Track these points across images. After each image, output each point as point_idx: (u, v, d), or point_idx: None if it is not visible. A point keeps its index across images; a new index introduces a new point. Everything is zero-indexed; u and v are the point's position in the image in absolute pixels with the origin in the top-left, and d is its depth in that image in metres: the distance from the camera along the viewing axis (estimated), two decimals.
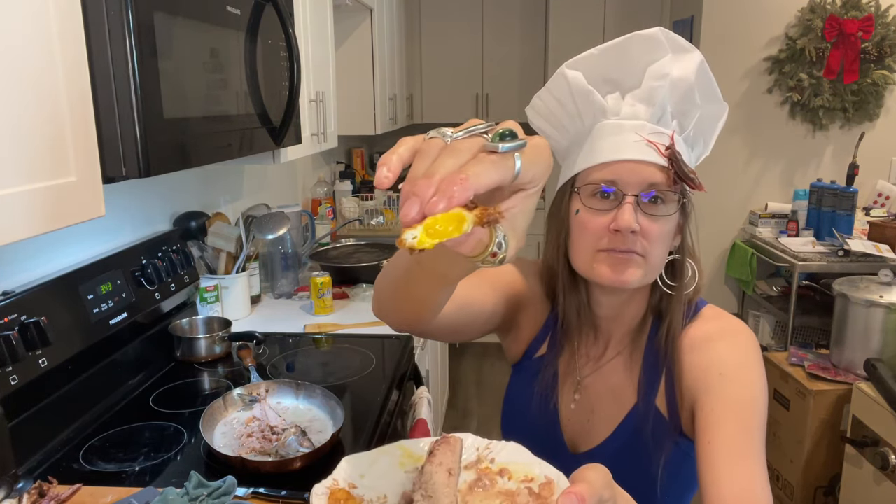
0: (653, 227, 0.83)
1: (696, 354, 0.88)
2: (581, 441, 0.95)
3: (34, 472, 1.15)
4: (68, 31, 0.90)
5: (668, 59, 0.85)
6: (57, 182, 0.89)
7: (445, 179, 0.41)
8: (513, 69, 4.45)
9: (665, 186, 0.83)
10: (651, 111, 0.86)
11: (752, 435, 0.80)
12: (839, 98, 3.43)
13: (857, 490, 2.37)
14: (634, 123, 0.85)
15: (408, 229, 0.42)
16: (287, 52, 1.56)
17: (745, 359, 0.87)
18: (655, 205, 0.84)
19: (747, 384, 0.84)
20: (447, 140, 0.45)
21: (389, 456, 0.66)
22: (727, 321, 0.92)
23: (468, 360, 4.26)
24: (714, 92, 0.88)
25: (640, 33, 0.86)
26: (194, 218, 1.88)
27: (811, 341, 3.17)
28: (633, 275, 0.85)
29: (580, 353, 0.98)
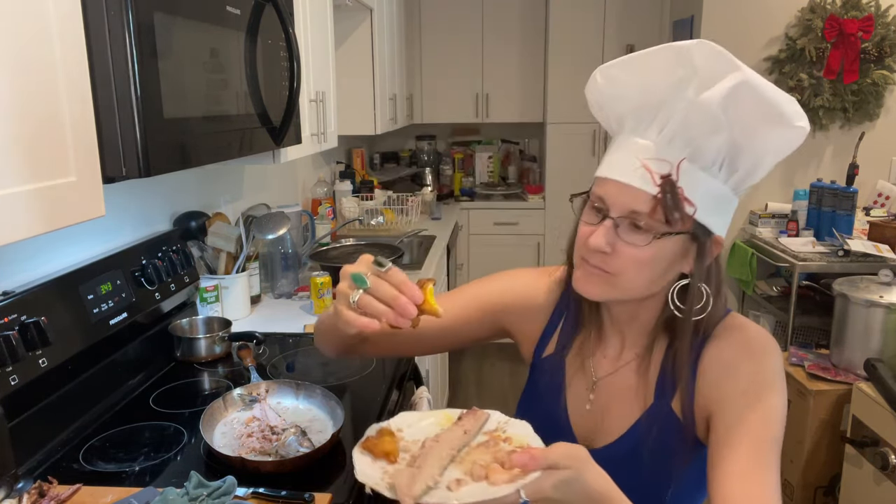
0: (626, 251, 0.83)
1: (720, 367, 0.87)
2: (595, 438, 0.95)
3: (34, 472, 1.15)
4: (68, 31, 0.90)
5: (693, 79, 0.79)
6: (57, 182, 0.89)
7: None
8: (513, 69, 4.45)
9: (648, 216, 0.80)
10: (660, 134, 0.81)
11: (768, 453, 0.82)
12: (839, 98, 3.43)
13: (857, 490, 2.37)
14: (642, 144, 0.82)
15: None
16: (287, 52, 1.56)
17: (770, 379, 0.86)
18: (632, 232, 0.82)
19: (769, 405, 0.84)
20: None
21: (434, 417, 0.86)
22: (754, 335, 0.89)
23: (468, 360, 4.26)
24: (763, 116, 0.78)
25: (674, 45, 0.81)
26: (194, 218, 1.88)
27: (811, 341, 3.17)
28: (596, 290, 0.87)
29: (597, 352, 0.98)
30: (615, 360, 0.96)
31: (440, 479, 0.73)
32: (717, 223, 0.84)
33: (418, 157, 4.75)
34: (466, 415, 0.84)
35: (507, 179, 4.78)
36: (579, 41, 4.20)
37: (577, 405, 0.98)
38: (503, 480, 0.70)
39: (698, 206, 0.80)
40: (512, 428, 0.82)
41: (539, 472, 0.69)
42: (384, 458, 0.78)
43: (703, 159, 0.80)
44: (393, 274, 0.78)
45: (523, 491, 0.69)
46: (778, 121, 0.78)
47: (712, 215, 0.82)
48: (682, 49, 0.80)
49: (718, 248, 0.86)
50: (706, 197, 0.81)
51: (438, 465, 0.75)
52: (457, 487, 0.71)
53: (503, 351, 4.39)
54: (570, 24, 4.18)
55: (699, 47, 0.79)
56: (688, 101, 0.79)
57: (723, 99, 0.77)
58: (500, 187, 4.59)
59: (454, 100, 4.50)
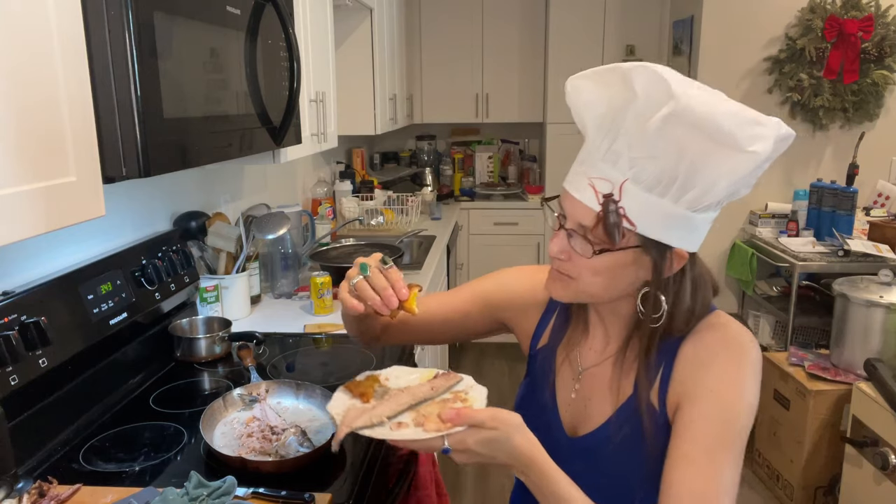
0: (578, 259, 0.88)
1: (693, 362, 0.90)
2: (579, 426, 1.00)
3: (34, 472, 1.15)
4: (68, 32, 0.90)
5: (634, 103, 0.81)
6: (57, 182, 0.89)
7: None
8: (513, 69, 4.45)
9: (592, 230, 0.85)
10: (607, 153, 0.84)
11: (724, 450, 0.85)
12: (839, 98, 3.43)
13: (857, 490, 2.37)
14: (592, 161, 0.85)
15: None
16: (287, 52, 1.56)
17: (740, 377, 0.88)
18: (583, 242, 0.86)
19: (734, 402, 0.87)
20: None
21: (419, 373, 0.99)
22: (733, 331, 0.91)
23: (468, 361, 4.26)
24: (707, 141, 0.78)
25: (620, 67, 0.83)
26: (194, 218, 1.88)
27: (811, 341, 3.17)
28: (558, 291, 0.94)
29: (584, 344, 1.02)
30: (600, 352, 1.00)
31: (386, 421, 0.85)
32: (677, 238, 0.85)
33: (418, 157, 4.75)
34: (442, 375, 0.97)
35: (507, 179, 4.78)
36: (579, 41, 4.20)
37: (564, 394, 1.02)
38: (433, 429, 0.81)
39: (641, 225, 0.83)
40: (473, 392, 0.93)
41: (465, 427, 0.80)
42: (359, 398, 0.92)
43: (647, 181, 0.82)
44: (391, 272, 0.95)
45: (447, 440, 0.79)
46: (726, 144, 0.78)
47: (665, 231, 0.84)
48: (625, 72, 0.82)
49: (681, 261, 0.87)
50: (652, 216, 0.83)
51: (392, 409, 0.86)
52: (397, 428, 0.83)
53: (502, 350, 4.40)
54: (570, 24, 4.18)
55: (638, 72, 0.80)
56: (629, 125, 0.81)
57: (657, 129, 0.79)
58: (500, 187, 4.59)
59: (454, 100, 4.50)
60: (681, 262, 0.87)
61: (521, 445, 0.82)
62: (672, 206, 0.82)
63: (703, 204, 0.83)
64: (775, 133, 0.80)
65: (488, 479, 2.97)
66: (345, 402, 0.92)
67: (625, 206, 0.82)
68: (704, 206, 0.83)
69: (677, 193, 0.82)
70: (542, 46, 4.38)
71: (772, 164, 0.84)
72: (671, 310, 0.89)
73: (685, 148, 0.79)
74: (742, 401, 0.87)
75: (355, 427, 0.84)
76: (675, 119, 0.78)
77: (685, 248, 0.86)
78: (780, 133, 0.81)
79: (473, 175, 4.69)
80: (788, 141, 0.83)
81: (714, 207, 0.85)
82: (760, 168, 0.82)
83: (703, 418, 0.86)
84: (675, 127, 0.78)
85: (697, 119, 0.77)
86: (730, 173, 0.80)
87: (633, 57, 4.23)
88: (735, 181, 0.81)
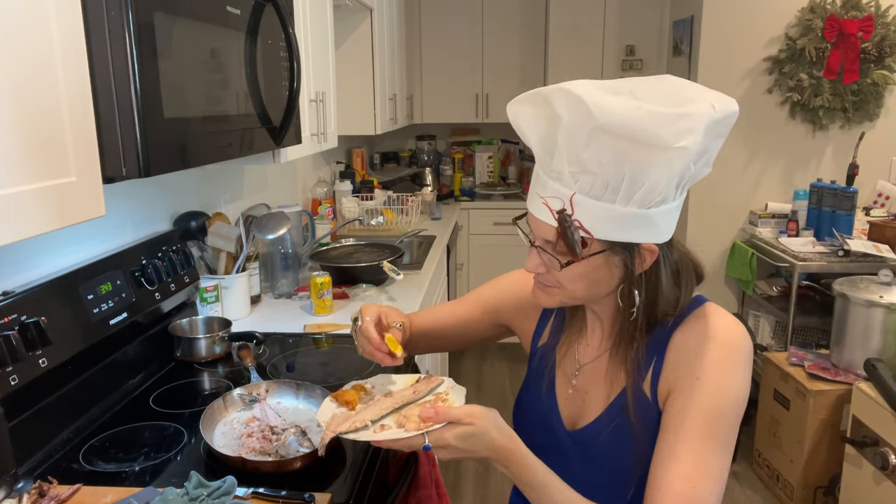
0: (553, 271, 0.92)
1: (682, 352, 0.92)
2: (577, 420, 1.02)
3: (34, 472, 1.15)
4: (68, 32, 0.90)
5: (560, 124, 0.83)
6: (57, 182, 0.89)
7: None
8: (513, 69, 4.44)
9: (554, 245, 0.89)
10: (552, 171, 0.87)
11: (710, 439, 0.87)
12: (839, 98, 3.43)
13: (857, 490, 2.37)
14: (542, 180, 0.89)
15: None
16: (287, 52, 1.56)
17: (728, 365, 0.89)
18: (548, 256, 0.91)
19: (721, 391, 0.88)
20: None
21: (403, 380, 1.07)
22: (723, 322, 0.93)
23: (468, 361, 4.26)
24: (637, 147, 0.80)
25: (541, 91, 0.86)
26: (194, 218, 1.88)
27: (811, 341, 3.17)
28: (547, 299, 0.97)
29: (582, 341, 1.05)
30: (597, 348, 1.03)
31: (370, 424, 0.90)
32: (638, 235, 0.87)
33: (418, 157, 4.75)
34: (423, 379, 1.04)
35: (507, 179, 4.78)
36: (579, 41, 4.20)
37: (563, 389, 1.05)
38: (413, 429, 0.86)
39: (598, 232, 0.86)
40: (453, 392, 0.99)
41: (444, 424, 0.85)
42: (345, 405, 0.99)
43: (593, 191, 0.84)
44: (364, 328, 1.08)
45: (428, 437, 0.84)
46: (655, 145, 0.80)
47: (624, 232, 0.86)
48: (545, 97, 0.85)
49: (652, 255, 0.89)
50: (607, 221, 0.85)
51: (375, 413, 0.92)
52: (380, 431, 0.88)
53: (503, 351, 4.40)
54: (570, 24, 4.18)
55: (556, 95, 0.83)
56: (561, 144, 0.84)
57: (585, 145, 0.82)
58: (500, 187, 4.59)
59: (454, 100, 4.50)
60: (652, 255, 0.90)
61: (498, 439, 0.87)
62: (624, 209, 0.84)
63: (654, 201, 0.84)
64: (705, 121, 0.80)
65: (488, 480, 2.97)
66: (331, 410, 0.98)
67: (579, 218, 0.86)
68: (657, 201, 0.85)
69: (625, 196, 0.84)
70: (542, 46, 4.38)
71: (772, 163, 0.86)
72: (652, 299, 0.92)
73: (619, 155, 0.81)
74: (730, 390, 0.88)
75: (339, 431, 0.89)
76: (600, 133, 0.80)
77: (651, 241, 0.88)
78: (714, 117, 0.81)
79: (473, 175, 4.69)
80: (728, 119, 0.84)
81: (670, 200, 0.86)
82: (705, 154, 0.84)
83: (690, 407, 0.88)
84: (602, 140, 0.81)
85: (620, 129, 0.79)
86: (668, 171, 0.82)
87: (633, 57, 4.23)
88: (676, 175, 0.83)
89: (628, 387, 0.95)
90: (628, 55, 4.23)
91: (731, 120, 0.85)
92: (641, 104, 0.80)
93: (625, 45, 4.22)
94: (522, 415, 1.11)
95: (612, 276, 0.91)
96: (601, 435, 0.97)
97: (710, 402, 0.88)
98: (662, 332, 0.94)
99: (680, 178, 0.84)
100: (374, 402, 0.97)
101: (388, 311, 1.14)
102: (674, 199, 0.87)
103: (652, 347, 0.95)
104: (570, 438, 1.01)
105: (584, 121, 0.80)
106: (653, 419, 0.93)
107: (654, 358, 0.94)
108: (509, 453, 0.87)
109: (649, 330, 0.95)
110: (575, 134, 0.82)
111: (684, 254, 0.96)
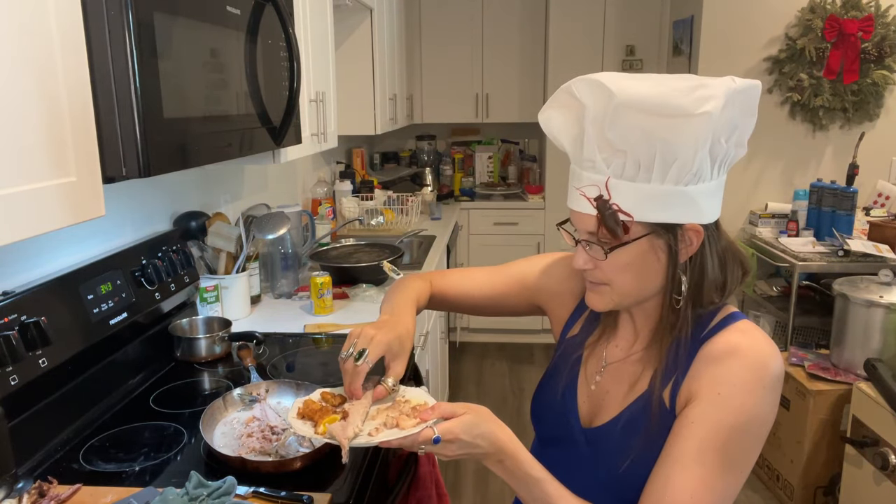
0: (602, 264, 0.92)
1: (709, 364, 0.90)
2: (594, 418, 1.01)
3: (34, 472, 1.15)
4: (68, 32, 0.90)
5: (586, 112, 0.86)
6: (57, 182, 0.89)
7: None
8: (513, 69, 4.45)
9: (596, 234, 0.90)
10: (584, 161, 0.90)
11: (722, 458, 0.85)
12: (839, 98, 3.43)
13: (857, 490, 2.37)
14: (577, 173, 0.92)
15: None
16: (287, 52, 1.56)
17: (753, 385, 0.86)
18: (593, 248, 0.91)
19: (741, 411, 0.86)
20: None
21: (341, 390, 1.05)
22: (755, 341, 0.90)
23: (468, 360, 4.26)
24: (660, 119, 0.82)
25: (563, 87, 0.90)
26: (194, 218, 1.88)
27: (811, 341, 3.17)
28: (599, 301, 0.96)
29: (612, 341, 1.05)
30: (626, 349, 1.02)
31: (363, 429, 0.91)
32: (679, 215, 0.87)
33: (418, 157, 4.75)
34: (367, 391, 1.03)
35: (507, 179, 4.78)
36: (579, 41, 4.20)
37: (585, 385, 1.05)
38: (411, 425, 0.86)
39: (638, 213, 0.87)
40: (409, 393, 1.00)
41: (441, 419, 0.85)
42: (308, 418, 0.97)
43: (626, 173, 0.86)
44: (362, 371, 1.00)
45: (437, 429, 0.84)
46: (679, 115, 0.82)
47: (664, 212, 0.87)
48: (569, 89, 0.89)
49: (698, 235, 0.89)
50: (646, 202, 0.86)
51: (360, 418, 0.93)
52: (376, 433, 0.89)
53: (503, 351, 4.40)
54: (570, 23, 4.18)
55: (578, 85, 0.87)
56: (590, 132, 0.87)
57: (612, 126, 0.84)
58: (500, 187, 4.59)
59: (454, 100, 4.50)
60: (697, 236, 0.89)
61: (496, 429, 0.87)
62: (661, 187, 0.86)
63: (689, 176, 0.85)
64: (725, 89, 0.82)
65: (488, 480, 2.97)
66: (302, 426, 0.96)
67: (617, 201, 0.87)
68: (692, 177, 0.86)
69: (660, 174, 0.85)
70: (542, 46, 4.38)
71: (772, 163, 0.86)
72: (699, 281, 0.91)
73: (646, 131, 0.83)
74: (750, 411, 0.86)
75: (350, 438, 0.88)
76: (623, 110, 0.83)
77: (694, 220, 0.88)
78: (734, 87, 0.83)
79: (473, 175, 4.69)
80: (751, 91, 0.86)
81: (707, 178, 0.87)
82: (735, 130, 0.86)
83: (702, 420, 0.86)
84: (626, 117, 0.83)
85: (641, 103, 0.82)
86: (694, 140, 0.83)
87: (633, 57, 4.23)
88: (705, 145, 0.83)
89: (654, 389, 0.93)
90: (628, 55, 4.23)
91: (755, 93, 0.86)
92: (661, 83, 0.84)
93: (625, 45, 4.22)
94: (540, 405, 1.10)
95: (659, 263, 0.90)
96: (615, 435, 0.96)
97: (727, 420, 0.85)
98: (695, 341, 0.92)
99: (711, 153, 0.85)
100: (352, 406, 0.96)
101: (397, 348, 1.03)
102: (711, 178, 0.87)
103: (681, 356, 0.93)
104: (584, 435, 1.00)
105: (606, 101, 0.83)
106: (667, 427, 0.91)
107: (680, 366, 0.92)
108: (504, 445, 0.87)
109: (694, 319, 0.93)
110: (600, 116, 0.85)
111: (731, 242, 0.95)
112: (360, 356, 0.99)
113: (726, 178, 0.93)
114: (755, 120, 0.89)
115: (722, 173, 0.90)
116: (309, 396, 1.03)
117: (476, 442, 0.85)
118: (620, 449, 0.94)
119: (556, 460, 0.97)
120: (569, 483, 0.90)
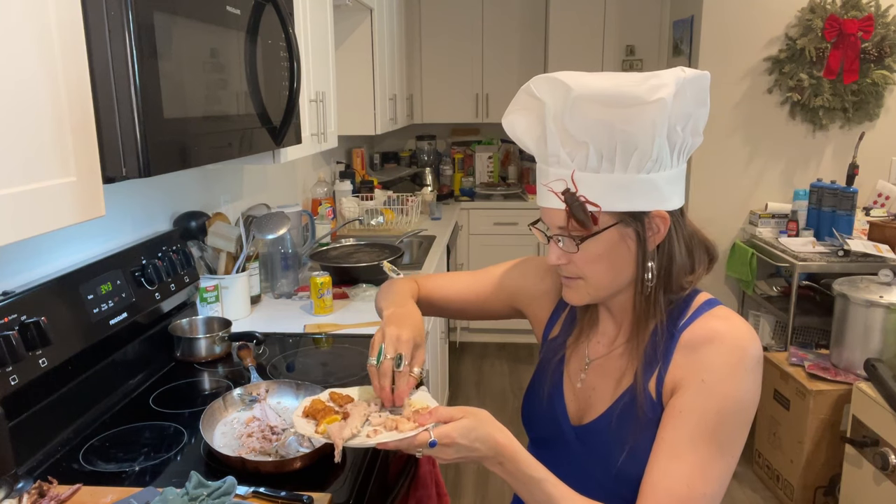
0: (575, 257, 0.94)
1: (690, 351, 0.92)
2: (583, 415, 1.02)
3: (34, 472, 1.15)
4: (68, 32, 0.90)
5: (545, 108, 0.89)
6: (57, 182, 0.89)
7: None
8: (513, 69, 4.45)
9: (567, 228, 0.91)
10: (549, 157, 0.92)
11: (712, 444, 0.87)
12: (839, 98, 3.43)
13: (857, 490, 2.37)
14: (543, 170, 0.94)
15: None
16: (287, 52, 1.56)
17: (734, 369, 0.89)
18: (565, 241, 0.93)
19: (726, 395, 0.88)
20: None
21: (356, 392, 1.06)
22: (733, 325, 0.92)
23: (468, 360, 4.26)
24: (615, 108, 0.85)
25: (523, 87, 0.91)
26: (194, 218, 1.88)
27: (811, 341, 3.17)
28: (575, 296, 0.98)
29: (594, 337, 1.06)
30: (609, 345, 1.03)
31: (361, 430, 0.92)
32: (644, 202, 0.89)
33: (418, 157, 4.75)
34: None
35: (507, 179, 4.78)
36: (579, 41, 4.20)
37: (571, 384, 1.06)
38: (409, 428, 0.87)
39: (605, 203, 0.89)
40: (412, 395, 1.00)
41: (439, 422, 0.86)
42: (312, 417, 0.98)
43: (590, 164, 0.88)
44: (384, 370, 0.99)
45: (433, 433, 0.84)
46: (635, 104, 0.84)
47: (630, 201, 0.89)
48: (528, 88, 0.91)
49: (664, 222, 0.91)
50: (611, 192, 0.89)
51: (359, 419, 0.94)
52: (374, 435, 0.89)
53: (503, 351, 4.40)
54: (569, 23, 4.18)
55: (537, 83, 0.89)
56: (551, 128, 0.89)
57: (571, 119, 0.86)
58: (500, 187, 4.59)
59: (454, 100, 4.50)
60: (664, 222, 0.91)
61: (494, 433, 0.87)
62: (624, 176, 0.88)
63: (650, 164, 0.88)
64: (675, 78, 0.85)
65: (488, 480, 2.97)
66: (307, 424, 0.97)
67: (584, 193, 0.89)
68: (654, 165, 0.88)
69: (622, 163, 0.88)
70: (542, 46, 4.38)
71: (772, 163, 0.87)
72: (668, 267, 0.94)
73: (605, 123, 0.86)
74: (735, 395, 0.88)
75: (346, 439, 0.90)
76: (580, 102, 0.85)
77: (659, 207, 0.90)
78: (683, 76, 0.86)
79: (473, 175, 4.69)
80: (701, 81, 0.88)
81: (668, 165, 0.89)
82: (689, 119, 0.88)
83: (690, 408, 0.88)
84: (583, 108, 0.85)
85: (599, 95, 0.85)
86: (652, 127, 0.85)
87: (633, 57, 4.23)
88: (662, 133, 0.86)
89: (637, 383, 0.95)
90: (628, 55, 4.23)
91: (704, 83, 0.89)
92: (616, 77, 0.87)
93: (625, 45, 4.22)
94: (530, 407, 1.11)
95: (629, 251, 0.92)
96: (606, 431, 0.97)
97: (714, 406, 0.87)
98: (672, 331, 0.94)
99: (669, 140, 0.87)
100: (352, 407, 0.97)
101: (419, 338, 1.05)
102: (672, 166, 0.90)
103: (661, 346, 0.95)
104: (575, 433, 1.01)
105: (565, 96, 0.86)
106: (657, 419, 0.93)
107: (662, 357, 0.94)
108: (503, 447, 0.87)
109: (668, 307, 0.95)
110: (560, 111, 0.87)
111: (697, 230, 0.98)
112: (400, 361, 0.99)
113: (726, 178, 0.95)
114: (707, 109, 0.92)
115: (682, 161, 0.92)
116: (318, 396, 1.03)
117: (474, 445, 0.86)
118: (612, 444, 0.96)
119: (548, 461, 0.98)
120: (563, 482, 0.90)
